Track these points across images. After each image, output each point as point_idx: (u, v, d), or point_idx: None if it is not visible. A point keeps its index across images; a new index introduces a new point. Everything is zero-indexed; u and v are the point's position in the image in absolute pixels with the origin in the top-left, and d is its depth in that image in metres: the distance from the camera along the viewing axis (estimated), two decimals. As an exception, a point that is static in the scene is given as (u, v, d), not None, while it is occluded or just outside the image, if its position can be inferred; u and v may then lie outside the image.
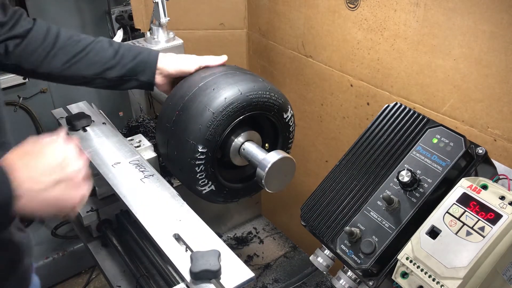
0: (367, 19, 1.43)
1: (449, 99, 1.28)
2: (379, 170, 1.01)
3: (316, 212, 1.06)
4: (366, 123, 1.51)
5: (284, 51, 1.82)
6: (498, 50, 1.12)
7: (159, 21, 1.62)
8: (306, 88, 1.78)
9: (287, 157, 1.20)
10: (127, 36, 2.00)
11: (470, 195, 0.86)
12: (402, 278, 0.87)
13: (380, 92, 1.48)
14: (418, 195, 0.93)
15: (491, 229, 0.80)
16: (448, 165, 0.92)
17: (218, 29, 1.95)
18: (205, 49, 1.98)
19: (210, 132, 1.18)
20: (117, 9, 2.04)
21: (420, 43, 1.30)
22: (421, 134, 0.99)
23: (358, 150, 1.07)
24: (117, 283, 1.39)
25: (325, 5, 1.55)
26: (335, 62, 1.60)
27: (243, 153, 1.27)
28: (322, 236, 1.03)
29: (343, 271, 1.03)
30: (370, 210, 0.97)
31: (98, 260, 1.48)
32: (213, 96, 1.20)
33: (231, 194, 1.35)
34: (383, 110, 1.07)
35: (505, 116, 1.16)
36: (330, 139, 1.77)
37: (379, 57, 1.43)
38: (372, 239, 0.93)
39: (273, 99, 1.27)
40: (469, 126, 1.25)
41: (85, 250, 1.59)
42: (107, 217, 1.53)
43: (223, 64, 1.35)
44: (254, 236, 2.35)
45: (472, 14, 1.15)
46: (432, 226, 0.86)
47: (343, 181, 1.05)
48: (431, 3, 1.24)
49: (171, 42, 1.66)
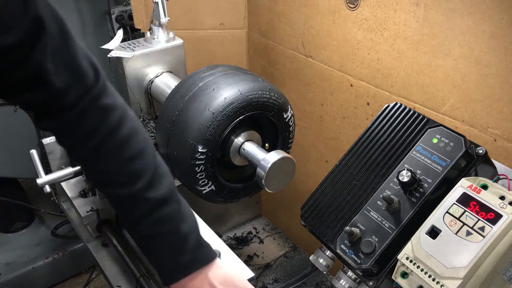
0: (367, 19, 1.43)
1: (449, 99, 1.28)
2: (379, 170, 1.01)
3: (316, 212, 1.06)
4: (366, 123, 1.51)
5: (284, 51, 1.82)
6: (498, 50, 1.12)
7: (159, 21, 1.62)
8: (306, 88, 1.78)
9: (287, 157, 1.20)
10: (127, 36, 2.00)
11: (470, 195, 0.86)
12: (402, 278, 0.87)
13: (380, 92, 1.48)
14: (418, 195, 0.93)
15: (491, 229, 0.80)
16: (448, 165, 0.92)
17: (218, 29, 1.95)
18: (205, 49, 1.98)
19: (210, 132, 1.19)
20: (117, 9, 2.04)
21: (420, 43, 1.30)
22: (421, 134, 0.99)
23: (358, 150, 1.07)
24: (117, 283, 1.39)
25: (325, 5, 1.55)
26: (335, 62, 1.60)
27: (243, 153, 1.27)
28: (322, 236, 1.03)
29: (343, 271, 1.03)
30: (370, 210, 0.97)
31: (98, 260, 1.48)
32: (213, 96, 1.21)
33: (231, 194, 1.35)
34: (383, 110, 1.07)
35: (505, 116, 1.16)
36: (330, 139, 1.77)
37: (379, 57, 1.43)
38: (372, 239, 0.93)
39: (273, 99, 1.27)
40: (469, 126, 1.25)
41: (85, 250, 1.59)
42: (107, 217, 1.53)
43: (223, 64, 1.36)
44: (254, 236, 2.35)
45: (472, 14, 1.15)
46: (432, 226, 0.86)
47: (343, 181, 1.05)
48: (431, 3, 1.24)
49: (171, 42, 1.66)
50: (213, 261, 0.91)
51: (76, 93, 0.80)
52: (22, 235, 2.28)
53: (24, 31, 0.68)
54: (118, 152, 0.86)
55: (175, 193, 0.91)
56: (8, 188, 2.23)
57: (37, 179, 1.42)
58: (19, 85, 0.76)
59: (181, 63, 1.69)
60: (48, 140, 1.56)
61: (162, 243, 0.89)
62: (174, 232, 0.89)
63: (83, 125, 0.84)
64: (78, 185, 1.63)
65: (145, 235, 0.90)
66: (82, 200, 1.57)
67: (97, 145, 0.85)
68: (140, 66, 1.60)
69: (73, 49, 0.79)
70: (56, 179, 1.46)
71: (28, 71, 0.73)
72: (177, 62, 1.68)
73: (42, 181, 1.42)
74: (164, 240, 0.89)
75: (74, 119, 0.83)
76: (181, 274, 0.89)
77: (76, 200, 1.57)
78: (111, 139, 0.85)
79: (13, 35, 0.66)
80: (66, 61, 0.78)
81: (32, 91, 0.77)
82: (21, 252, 2.19)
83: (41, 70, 0.74)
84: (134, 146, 0.87)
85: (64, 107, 0.81)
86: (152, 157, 0.90)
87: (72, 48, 0.79)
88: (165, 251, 0.89)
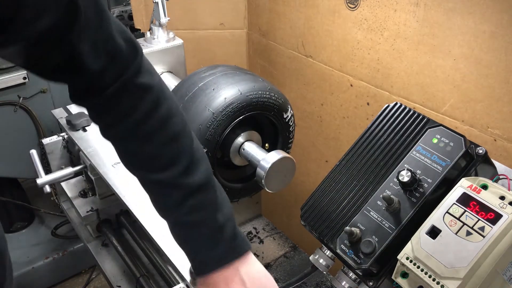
0: (367, 19, 1.43)
1: (449, 99, 1.28)
2: (379, 170, 1.01)
3: (316, 212, 1.06)
4: (366, 123, 1.51)
5: (284, 51, 1.82)
6: (498, 50, 1.12)
7: (159, 21, 1.62)
8: (306, 88, 1.78)
9: (287, 157, 1.20)
10: (127, 36, 2.00)
11: (470, 195, 0.86)
12: (402, 278, 0.87)
13: (380, 92, 1.48)
14: (418, 195, 0.93)
15: (491, 229, 0.80)
16: (448, 165, 0.92)
17: (218, 29, 1.95)
18: (205, 49, 1.98)
19: (210, 132, 1.19)
20: (117, 9, 2.04)
21: (420, 43, 1.30)
22: (421, 134, 0.99)
23: (358, 150, 1.07)
24: (117, 283, 1.39)
25: (325, 5, 1.55)
26: (335, 62, 1.60)
27: (243, 153, 1.27)
28: (322, 236, 1.03)
29: (343, 271, 1.03)
30: (370, 210, 0.97)
31: (98, 260, 1.49)
32: (213, 96, 1.21)
33: (231, 194, 1.35)
34: (383, 110, 1.07)
35: (505, 116, 1.16)
36: (330, 139, 1.77)
37: (379, 57, 1.43)
38: (372, 239, 0.93)
39: (273, 99, 1.27)
40: (469, 126, 1.25)
41: (85, 250, 1.59)
42: (107, 217, 1.53)
43: (223, 64, 1.35)
44: (254, 236, 2.35)
45: (472, 14, 1.15)
46: (432, 226, 0.86)
47: (343, 181, 1.05)
48: (431, 3, 1.24)
49: (171, 42, 1.66)
50: (246, 253, 0.88)
51: (112, 74, 0.76)
52: (22, 235, 2.29)
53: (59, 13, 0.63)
54: (154, 135, 0.81)
55: (211, 179, 0.86)
56: (8, 188, 2.23)
57: (37, 179, 1.42)
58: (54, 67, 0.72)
59: (181, 63, 1.69)
60: (48, 140, 1.56)
61: (197, 232, 0.84)
62: (209, 221, 0.84)
63: (118, 105, 0.79)
64: (78, 185, 1.64)
65: (179, 223, 0.86)
66: (82, 200, 1.57)
67: (132, 126, 0.80)
68: (140, 66, 1.59)
69: (108, 27, 0.74)
70: (56, 179, 1.46)
71: (64, 54, 0.69)
72: (177, 62, 1.68)
73: (42, 181, 1.42)
74: (199, 229, 0.84)
75: (109, 98, 0.78)
76: (215, 266, 0.85)
77: (76, 200, 1.57)
78: (147, 121, 0.80)
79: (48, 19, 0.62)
80: (102, 41, 0.73)
81: (67, 74, 0.74)
82: (21, 252, 2.20)
83: (76, 53, 0.70)
84: (171, 129, 0.82)
85: (100, 87, 0.77)
86: (189, 140, 0.85)
87: (108, 26, 0.74)
88: (199, 241, 0.85)
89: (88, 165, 1.48)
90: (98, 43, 0.73)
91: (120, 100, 0.79)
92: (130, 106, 0.79)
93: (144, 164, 0.84)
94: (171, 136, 0.83)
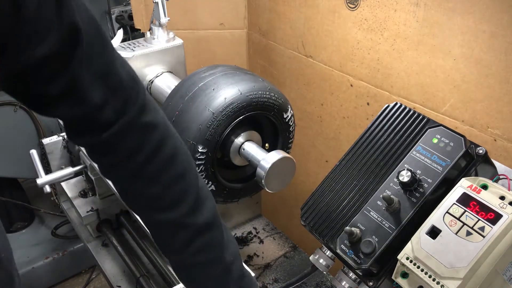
0: (367, 19, 1.43)
1: (449, 99, 1.28)
2: (379, 170, 1.01)
3: (316, 212, 1.06)
4: (366, 123, 1.51)
5: (284, 51, 1.82)
6: (498, 50, 1.12)
7: (159, 21, 1.62)
8: (306, 88, 1.78)
9: (287, 157, 1.20)
10: (127, 36, 2.00)
11: (470, 195, 0.86)
12: (402, 278, 0.87)
13: (380, 92, 1.48)
14: (418, 195, 0.93)
15: (491, 229, 0.80)
16: (448, 165, 0.92)
17: (218, 29, 1.95)
18: (205, 49, 1.98)
19: (210, 132, 1.19)
20: (117, 9, 2.04)
21: (420, 43, 1.30)
22: (421, 134, 0.99)
23: (358, 150, 1.07)
24: (117, 283, 1.39)
25: (325, 5, 1.55)
26: (335, 62, 1.60)
27: (243, 153, 1.27)
28: (322, 236, 1.03)
29: (343, 271, 1.03)
30: (370, 210, 0.97)
31: (98, 260, 1.49)
32: (213, 96, 1.21)
33: (231, 194, 1.35)
34: (383, 110, 1.07)
35: (505, 116, 1.16)
36: (330, 139, 1.77)
37: (379, 57, 1.43)
38: (372, 239, 0.93)
39: (273, 99, 1.27)
40: (469, 126, 1.25)
41: (85, 250, 1.59)
42: (107, 217, 1.53)
43: (223, 64, 1.35)
44: (254, 236, 2.35)
45: (472, 14, 1.15)
46: (432, 226, 0.86)
47: (343, 181, 1.05)
48: (431, 3, 1.24)
49: (171, 42, 1.66)
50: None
51: (114, 108, 0.71)
52: (22, 235, 2.29)
53: (58, 40, 0.60)
54: (160, 175, 0.77)
55: (217, 217, 0.83)
56: (8, 188, 2.23)
57: (37, 179, 1.42)
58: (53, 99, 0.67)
59: (181, 63, 1.69)
60: (48, 140, 1.56)
61: (205, 272, 0.82)
62: (217, 261, 0.82)
63: (121, 146, 0.74)
64: (78, 185, 1.64)
65: (187, 264, 0.82)
66: (82, 200, 1.57)
67: (137, 167, 0.76)
68: (140, 66, 1.60)
69: (111, 58, 0.70)
70: (56, 179, 1.46)
71: (63, 84, 0.65)
72: (177, 62, 1.68)
73: (42, 181, 1.42)
74: (207, 269, 0.81)
75: (112, 138, 0.73)
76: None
77: (76, 200, 1.57)
78: (152, 161, 0.76)
79: (47, 46, 0.59)
80: (104, 72, 0.69)
81: (66, 106, 0.68)
82: (21, 252, 2.20)
83: (76, 83, 0.65)
84: (177, 168, 0.79)
85: (101, 123, 0.72)
86: (194, 178, 0.81)
87: (110, 58, 0.70)
88: (208, 281, 0.82)
89: (88, 165, 1.48)
90: (100, 74, 0.69)
91: (123, 140, 0.74)
92: (134, 147, 0.75)
93: (149, 205, 0.80)
94: (177, 174, 0.79)
